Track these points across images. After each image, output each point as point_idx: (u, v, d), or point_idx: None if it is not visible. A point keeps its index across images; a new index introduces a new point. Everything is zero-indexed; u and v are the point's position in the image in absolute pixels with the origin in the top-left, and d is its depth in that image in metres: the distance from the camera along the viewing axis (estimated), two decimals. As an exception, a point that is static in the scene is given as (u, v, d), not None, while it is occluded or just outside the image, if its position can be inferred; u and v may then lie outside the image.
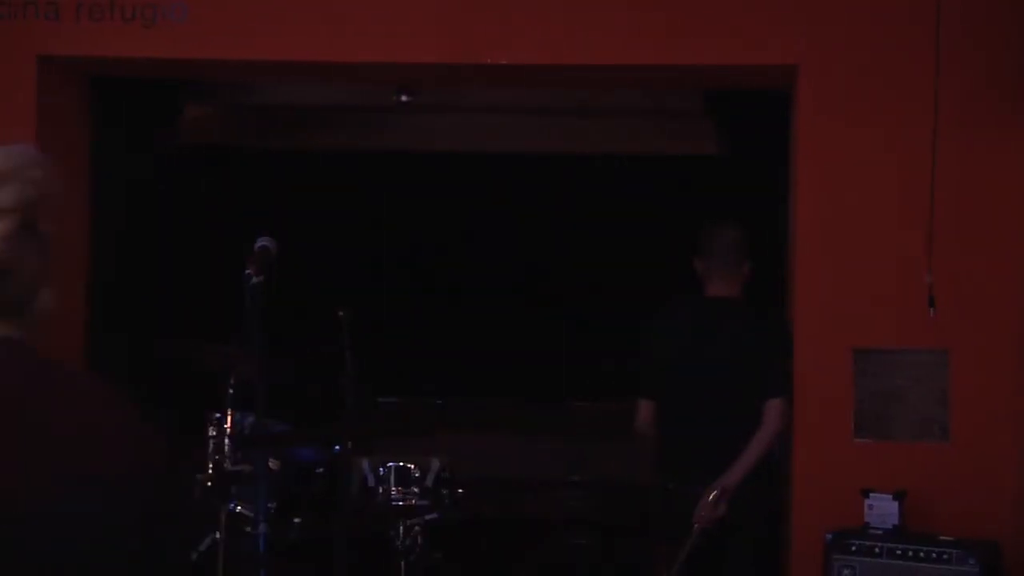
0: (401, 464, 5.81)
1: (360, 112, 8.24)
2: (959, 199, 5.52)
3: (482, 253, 8.29)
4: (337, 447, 5.33)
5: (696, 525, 5.23)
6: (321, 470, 5.97)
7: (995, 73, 5.50)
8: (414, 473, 5.80)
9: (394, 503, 5.79)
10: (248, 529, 5.47)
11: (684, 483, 5.36)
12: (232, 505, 5.57)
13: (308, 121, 8.34)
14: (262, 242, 4.62)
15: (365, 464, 5.87)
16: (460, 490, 5.91)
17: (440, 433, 5.98)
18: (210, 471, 5.61)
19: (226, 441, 5.64)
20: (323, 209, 8.25)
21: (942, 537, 5.13)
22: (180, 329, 7.13)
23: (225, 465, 5.60)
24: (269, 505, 5.39)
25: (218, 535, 5.51)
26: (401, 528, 5.70)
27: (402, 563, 5.65)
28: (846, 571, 5.13)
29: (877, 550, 5.12)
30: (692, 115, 6.86)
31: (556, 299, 8.20)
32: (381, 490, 5.81)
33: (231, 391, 5.70)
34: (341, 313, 5.48)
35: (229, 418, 5.67)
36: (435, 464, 5.84)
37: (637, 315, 5.78)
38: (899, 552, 5.09)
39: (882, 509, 5.23)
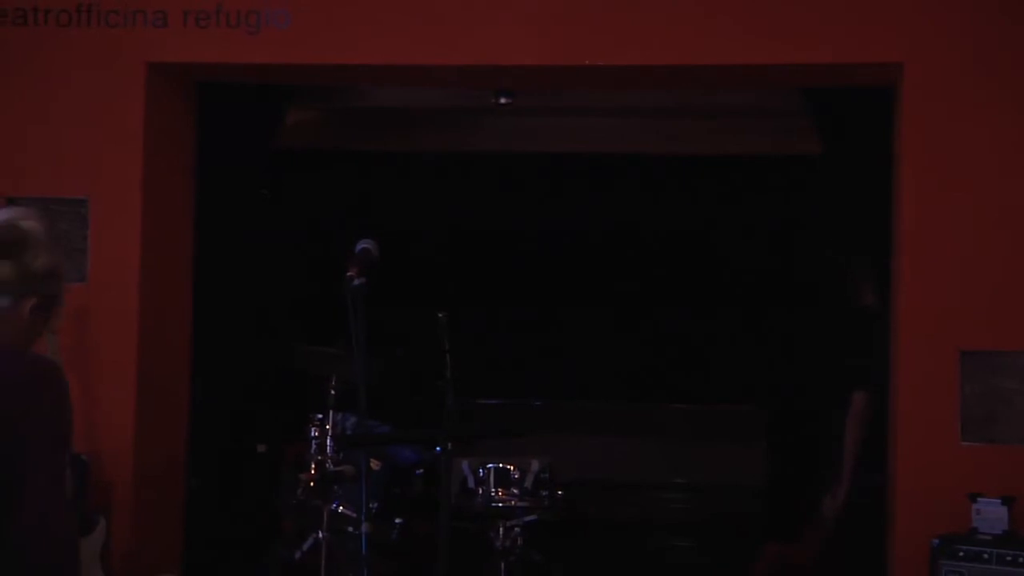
0: (501, 466, 5.91)
1: (460, 114, 8.31)
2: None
3: (583, 255, 8.30)
4: (438, 448, 5.30)
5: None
6: (421, 471, 6.11)
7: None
8: (514, 475, 5.89)
9: (494, 504, 5.88)
10: (350, 529, 5.61)
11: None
12: (335, 505, 5.69)
13: (408, 123, 8.41)
14: (363, 244, 4.63)
15: (465, 465, 5.98)
16: (560, 492, 5.97)
17: (540, 435, 6.02)
18: (313, 471, 5.72)
19: (328, 442, 5.75)
20: (424, 211, 8.33)
21: (1052, 543, 5.07)
22: (283, 331, 7.27)
23: (327, 465, 5.71)
24: (371, 505, 5.59)
25: (321, 535, 5.62)
26: (501, 529, 5.78)
27: (502, 564, 5.72)
28: (953, 577, 5.10)
29: (986, 556, 5.07)
30: (792, 114, 6.83)
31: (657, 302, 8.19)
32: (481, 491, 5.91)
33: (333, 392, 5.81)
34: (441, 315, 5.59)
35: (331, 419, 5.78)
36: (535, 466, 5.91)
37: (735, 318, 5.80)
38: (1009, 558, 5.04)
39: (990, 514, 5.18)
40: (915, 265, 5.63)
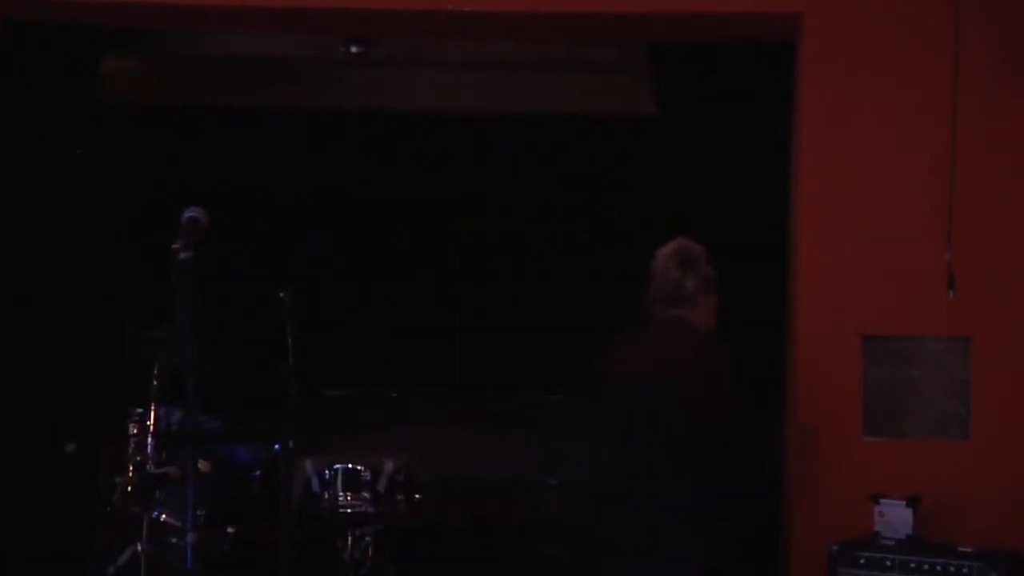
0: (350, 466, 5.82)
1: (305, 65, 8.18)
2: (984, 167, 5.50)
3: (441, 224, 8.24)
4: (277, 446, 5.25)
5: None
6: (258, 473, 5.98)
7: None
8: (365, 476, 5.82)
9: (342, 510, 5.80)
10: (174, 540, 5.48)
11: None
12: (156, 512, 5.55)
13: (245, 76, 8.26)
14: (191, 212, 4.46)
15: (309, 465, 5.88)
16: (417, 495, 5.93)
17: (395, 430, 6.00)
18: (131, 474, 5.58)
19: (150, 440, 5.61)
20: (262, 176, 8.17)
21: (961, 548, 5.12)
22: (99, 311, 7.07)
23: (148, 467, 5.57)
24: (198, 512, 5.44)
25: (140, 547, 5.48)
26: (350, 538, 5.72)
27: (350, 577, 5.66)
28: (854, 586, 5.14)
29: (888, 563, 5.12)
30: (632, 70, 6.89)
31: (526, 272, 8.16)
32: (327, 495, 5.82)
33: (156, 382, 5.68)
34: (282, 294, 5.45)
35: (153, 413, 5.64)
36: (389, 466, 5.84)
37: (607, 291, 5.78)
38: (913, 565, 5.09)
39: (894, 516, 5.23)
40: (812, 241, 5.66)
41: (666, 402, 4.57)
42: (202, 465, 5.52)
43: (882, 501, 5.27)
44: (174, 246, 4.34)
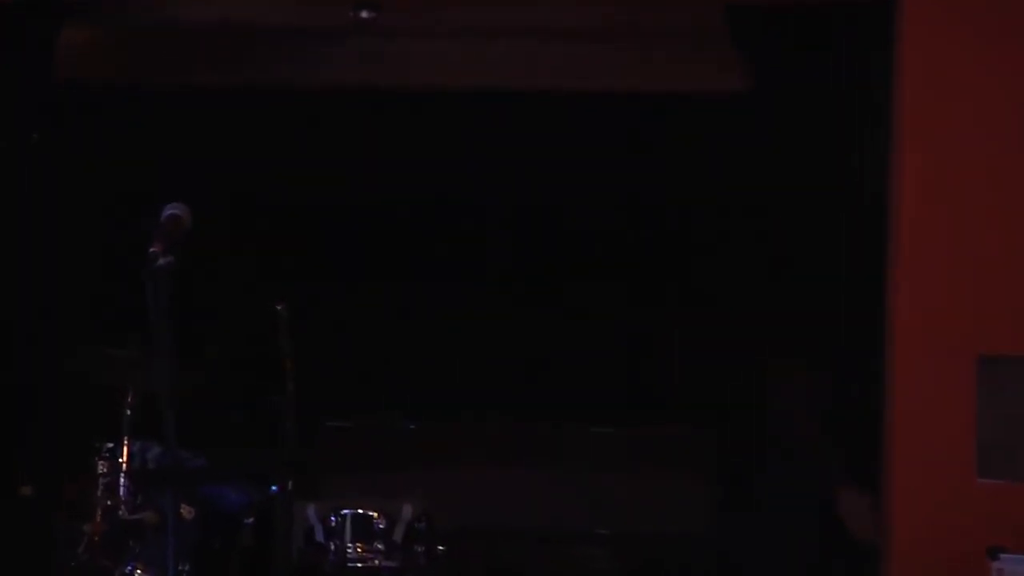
0: (360, 511, 5.82)
1: (304, 35, 8.19)
2: None
3: (470, 225, 8.25)
4: (273, 488, 5.30)
5: None
6: (250, 520, 5.96)
7: None
8: (378, 523, 5.82)
9: (351, 563, 5.80)
10: (151, 601, 5.46)
11: None
12: (130, 567, 5.52)
13: (231, 48, 8.28)
14: (171, 210, 4.44)
15: (311, 511, 5.89)
16: (440, 547, 5.92)
17: (413, 469, 5.99)
18: (100, 521, 5.56)
19: (122, 480, 5.60)
20: (253, 167, 8.20)
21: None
22: (57, 326, 7.09)
23: (120, 513, 5.57)
24: (180, 567, 5.42)
25: (110, 609, 5.47)
26: (360, 598, 5.69)
27: (360, 644, 5.67)
28: (966, 659, 5.13)
29: (1009, 631, 5.10)
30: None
31: (566, 279, 8.17)
32: (333, 546, 5.83)
33: (128, 412, 5.66)
34: (279, 308, 5.45)
35: (125, 449, 5.63)
36: (407, 511, 5.84)
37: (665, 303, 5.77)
38: (1038, 634, 5.06)
39: (1016, 574, 5.19)
40: (917, 245, 5.64)
41: None
42: (184, 510, 5.51)
43: (1001, 556, 5.23)
44: (151, 250, 4.34)
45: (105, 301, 7.14)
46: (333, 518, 5.87)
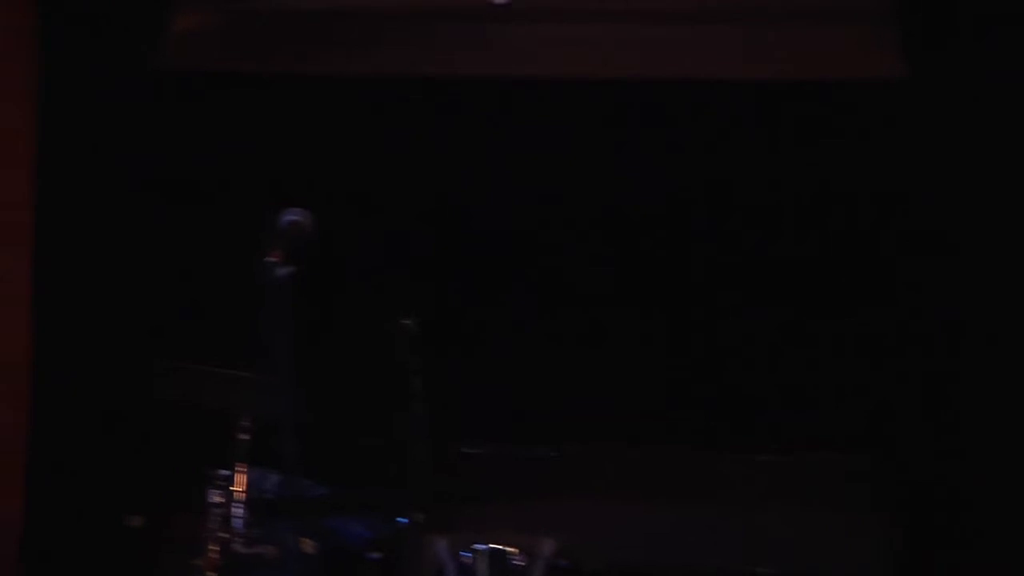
0: (497, 547, 5.85)
1: (433, 20, 8.22)
2: None
3: (623, 230, 8.22)
4: (401, 520, 5.36)
5: None
6: (376, 555, 5.99)
7: None
8: (516, 560, 5.84)
9: (487, 604, 5.82)
10: (270, 642, 5.53)
11: None
12: (246, 606, 5.62)
13: (355, 34, 8.32)
14: (291, 216, 4.66)
15: (442, 546, 5.94)
16: (585, 586, 5.93)
17: (555, 501, 5.97)
18: (213, 555, 5.60)
19: (238, 511, 5.63)
20: (377, 164, 8.23)
21: None
22: (163, 343, 7.17)
23: (235, 546, 5.60)
24: (301, 607, 5.53)
25: (225, 650, 5.55)
26: (497, 642, 5.74)
27: None
28: None
29: None
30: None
31: (713, 301, 8.12)
32: (468, 585, 5.86)
33: (245, 437, 5.67)
34: (407, 322, 5.49)
35: (241, 477, 5.65)
36: (548, 547, 5.88)
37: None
38: None
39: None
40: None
41: None
42: (305, 544, 5.57)
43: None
44: (268, 259, 4.40)
45: (216, 316, 7.21)
46: (467, 554, 5.90)
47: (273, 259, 4.49)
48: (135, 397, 6.88)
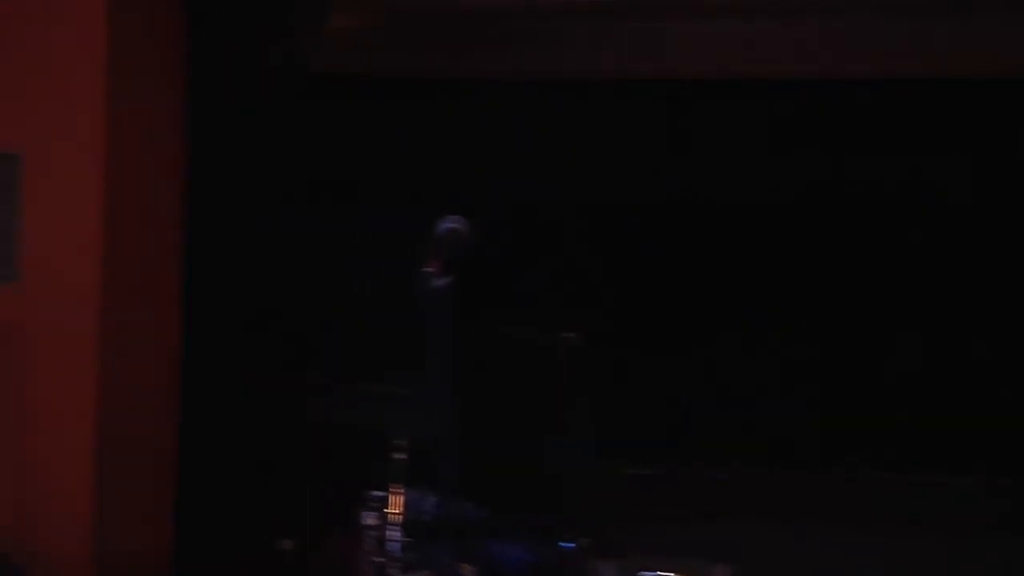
0: (668, 574, 5.83)
1: (602, 18, 8.21)
2: None
3: (799, 235, 8.16)
4: (566, 544, 5.37)
5: None
6: None
7: None
8: None
9: (655, 637, 5.83)
10: (429, 671, 5.59)
11: None
12: (404, 634, 5.67)
13: (517, 34, 8.32)
14: (448, 224, 4.69)
15: (610, 573, 5.93)
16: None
17: (730, 526, 5.95)
18: (369, 580, 5.73)
19: (393, 534, 5.68)
20: (538, 171, 8.23)
21: None
22: (316, 358, 7.26)
23: (391, 571, 5.64)
24: (459, 635, 5.55)
25: None
26: (670, 675, 5.75)
27: None
28: None
29: None
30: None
31: (916, 308, 8.05)
32: (637, 615, 5.87)
33: (402, 457, 5.71)
34: (568, 336, 5.51)
35: (398, 499, 5.69)
36: (721, 573, 5.88)
37: None
38: None
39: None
40: None
41: None
42: (465, 569, 5.61)
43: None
44: (425, 269, 4.42)
45: (368, 331, 7.26)
46: (636, 581, 5.92)
47: (431, 269, 4.50)
48: (287, 415, 6.95)
